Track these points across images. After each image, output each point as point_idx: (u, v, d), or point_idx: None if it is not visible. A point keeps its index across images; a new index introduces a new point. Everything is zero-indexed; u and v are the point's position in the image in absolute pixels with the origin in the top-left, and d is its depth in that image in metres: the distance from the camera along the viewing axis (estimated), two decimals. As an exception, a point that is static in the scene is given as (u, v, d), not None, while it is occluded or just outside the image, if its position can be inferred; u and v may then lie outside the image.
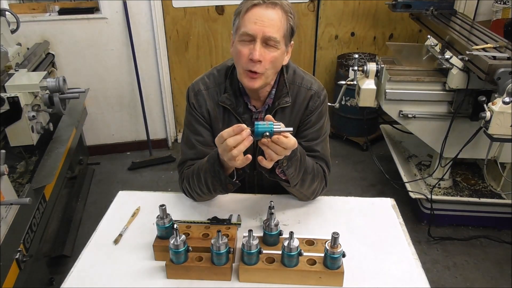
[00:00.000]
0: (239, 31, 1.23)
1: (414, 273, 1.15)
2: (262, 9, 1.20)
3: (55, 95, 1.96)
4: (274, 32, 1.20)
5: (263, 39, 1.20)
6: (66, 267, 2.32)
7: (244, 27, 1.20)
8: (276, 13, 1.20)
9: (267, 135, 1.07)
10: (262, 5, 1.20)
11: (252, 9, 1.20)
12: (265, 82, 1.28)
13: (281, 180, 1.30)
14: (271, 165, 1.15)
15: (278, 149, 1.09)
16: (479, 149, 2.40)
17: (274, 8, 1.20)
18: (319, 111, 1.39)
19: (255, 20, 1.19)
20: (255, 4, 1.20)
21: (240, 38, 1.22)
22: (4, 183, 1.56)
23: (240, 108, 1.36)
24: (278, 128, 1.08)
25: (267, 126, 1.08)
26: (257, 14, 1.19)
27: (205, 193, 1.34)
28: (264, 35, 1.19)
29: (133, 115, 3.51)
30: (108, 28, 3.13)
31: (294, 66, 1.42)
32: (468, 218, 2.65)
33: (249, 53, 1.21)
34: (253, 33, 1.19)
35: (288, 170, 1.22)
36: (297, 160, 1.22)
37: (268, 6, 1.20)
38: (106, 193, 3.04)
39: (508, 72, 1.88)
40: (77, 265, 1.18)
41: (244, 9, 1.21)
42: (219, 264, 1.10)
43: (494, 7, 3.21)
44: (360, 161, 3.43)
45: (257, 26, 1.19)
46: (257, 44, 1.20)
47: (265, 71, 1.24)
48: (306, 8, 3.43)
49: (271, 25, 1.19)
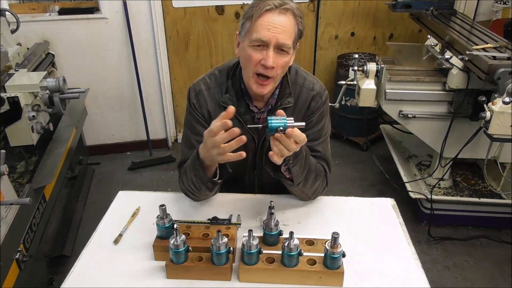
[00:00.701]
0: (250, 36, 1.22)
1: (414, 273, 1.15)
2: (275, 15, 1.19)
3: (55, 95, 1.96)
4: (287, 38, 1.20)
5: (276, 46, 1.20)
6: (66, 267, 2.32)
7: (257, 33, 1.19)
8: (288, 18, 1.20)
9: (281, 129, 1.07)
10: (274, 10, 1.19)
11: (265, 14, 1.19)
12: (274, 86, 1.30)
13: (285, 178, 1.30)
14: (281, 161, 1.15)
15: (290, 144, 1.09)
16: (479, 149, 2.40)
17: (286, 13, 1.20)
18: (320, 112, 1.40)
19: (268, 27, 1.18)
20: (267, 9, 1.19)
21: (252, 43, 1.22)
22: (4, 183, 1.55)
23: (241, 109, 1.36)
24: (291, 123, 1.08)
25: (280, 121, 1.07)
26: (270, 20, 1.18)
27: (195, 192, 1.34)
28: (277, 42, 1.19)
29: (133, 115, 3.51)
30: (108, 28, 3.13)
31: (296, 67, 1.42)
32: (468, 218, 2.65)
33: (261, 58, 1.21)
34: (267, 40, 1.19)
35: (294, 168, 1.23)
36: (302, 158, 1.23)
37: (280, 11, 1.19)
38: (106, 193, 3.04)
39: (508, 72, 1.88)
40: (77, 265, 1.18)
41: (257, 14, 1.19)
42: (219, 264, 1.10)
43: (494, 7, 3.21)
44: (360, 161, 3.43)
45: (270, 33, 1.18)
46: (270, 50, 1.20)
47: (276, 76, 1.25)
48: (306, 8, 3.43)
49: (284, 31, 1.19)
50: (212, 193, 1.40)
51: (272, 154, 1.12)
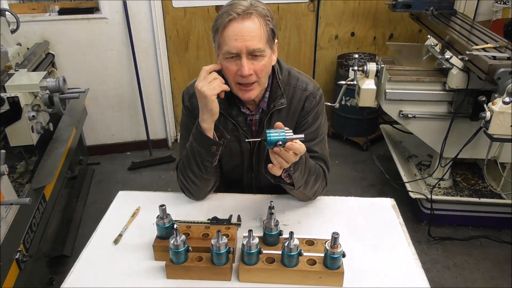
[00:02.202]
0: (221, 49, 1.21)
1: (414, 273, 1.15)
2: (238, 23, 1.16)
3: (55, 95, 1.96)
4: (257, 43, 1.17)
5: (248, 53, 1.18)
6: (66, 267, 2.32)
7: (226, 45, 1.18)
8: (253, 22, 1.17)
9: (280, 144, 1.06)
10: (237, 18, 1.16)
11: (229, 25, 1.16)
12: (261, 88, 1.29)
13: (285, 184, 1.29)
14: (281, 172, 1.15)
15: (290, 156, 1.09)
16: (479, 149, 2.40)
17: (250, 18, 1.17)
18: (315, 112, 1.39)
19: (235, 37, 1.16)
20: (230, 19, 1.16)
21: (224, 56, 1.21)
22: (4, 183, 1.55)
23: (233, 111, 1.36)
24: (290, 135, 1.07)
25: (279, 135, 1.06)
26: (236, 30, 1.16)
27: (196, 173, 1.33)
28: (248, 49, 1.17)
29: (133, 115, 3.51)
30: (108, 28, 3.13)
31: (289, 67, 1.41)
32: (468, 218, 2.65)
33: (237, 69, 1.20)
34: (236, 51, 1.17)
35: (294, 174, 1.22)
36: (302, 163, 1.22)
37: (244, 18, 1.16)
38: (106, 193, 3.04)
39: (508, 72, 1.88)
40: (77, 265, 1.18)
41: (222, 26, 1.17)
42: (219, 264, 1.10)
43: (494, 7, 3.20)
44: (360, 161, 3.43)
45: (238, 43, 1.16)
46: (243, 59, 1.18)
47: (259, 79, 1.24)
48: (306, 8, 3.43)
49: (252, 37, 1.17)
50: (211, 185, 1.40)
51: (272, 166, 1.12)
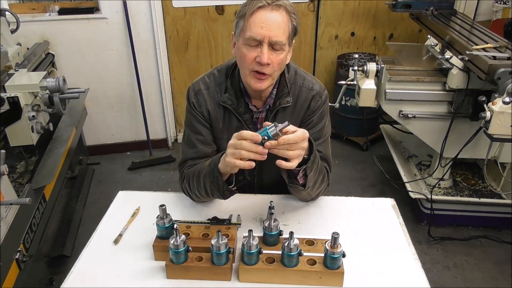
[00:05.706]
0: (244, 34, 1.21)
1: (414, 273, 1.15)
2: (267, 12, 1.18)
3: (55, 95, 1.96)
4: (280, 35, 1.19)
5: (270, 43, 1.20)
6: (66, 267, 2.32)
7: (250, 31, 1.19)
8: (281, 15, 1.19)
9: (266, 139, 1.08)
10: (267, 7, 1.18)
11: (257, 12, 1.18)
12: (272, 82, 1.29)
13: (298, 185, 1.29)
14: (296, 164, 1.14)
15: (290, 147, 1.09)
16: (479, 149, 2.40)
17: (278, 10, 1.19)
18: (320, 111, 1.40)
19: (261, 24, 1.18)
20: (260, 6, 1.18)
21: (245, 42, 1.21)
22: (4, 183, 1.55)
23: (241, 108, 1.36)
24: (273, 130, 1.08)
25: (261, 131, 1.09)
26: (263, 18, 1.18)
27: (203, 196, 1.34)
28: (271, 40, 1.19)
29: (133, 115, 3.51)
30: (108, 28, 3.13)
31: (295, 67, 1.42)
32: (468, 218, 2.65)
33: (256, 56, 1.21)
34: (260, 38, 1.18)
35: (310, 173, 1.22)
36: (316, 162, 1.23)
37: (273, 8, 1.18)
38: (106, 193, 3.04)
39: (508, 72, 1.88)
40: (77, 265, 1.18)
41: (249, 12, 1.19)
42: (219, 264, 1.10)
43: (494, 7, 3.20)
44: (360, 161, 3.43)
45: (263, 31, 1.18)
46: (264, 47, 1.19)
47: (273, 73, 1.25)
48: (306, 8, 3.43)
49: (277, 28, 1.19)
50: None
51: (280, 162, 1.12)
